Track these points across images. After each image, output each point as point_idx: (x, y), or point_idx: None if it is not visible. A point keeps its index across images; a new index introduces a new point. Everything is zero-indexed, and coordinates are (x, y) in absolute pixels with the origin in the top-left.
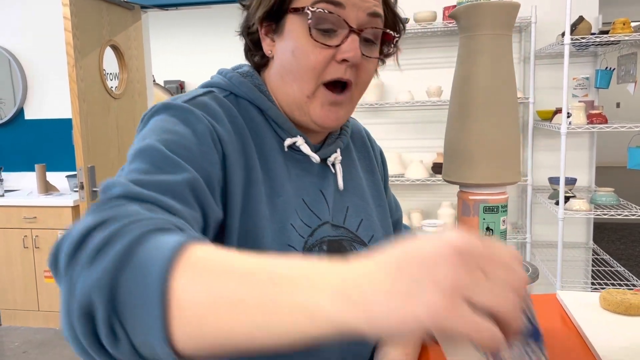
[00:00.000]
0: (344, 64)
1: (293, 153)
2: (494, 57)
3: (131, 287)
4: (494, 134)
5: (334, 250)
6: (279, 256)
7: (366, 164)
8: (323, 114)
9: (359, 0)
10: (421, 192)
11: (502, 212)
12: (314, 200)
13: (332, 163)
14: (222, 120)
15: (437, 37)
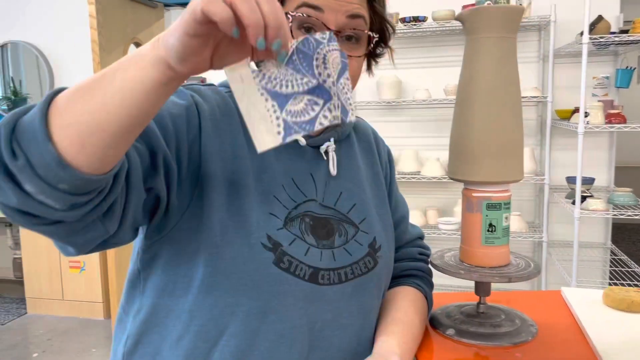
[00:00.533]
0: None
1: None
2: (498, 58)
3: (26, 119)
4: (497, 133)
5: (320, 226)
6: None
7: (367, 158)
8: None
9: (337, 4)
10: (437, 190)
11: (505, 209)
12: (303, 181)
13: (325, 151)
14: (209, 102)
15: (455, 35)
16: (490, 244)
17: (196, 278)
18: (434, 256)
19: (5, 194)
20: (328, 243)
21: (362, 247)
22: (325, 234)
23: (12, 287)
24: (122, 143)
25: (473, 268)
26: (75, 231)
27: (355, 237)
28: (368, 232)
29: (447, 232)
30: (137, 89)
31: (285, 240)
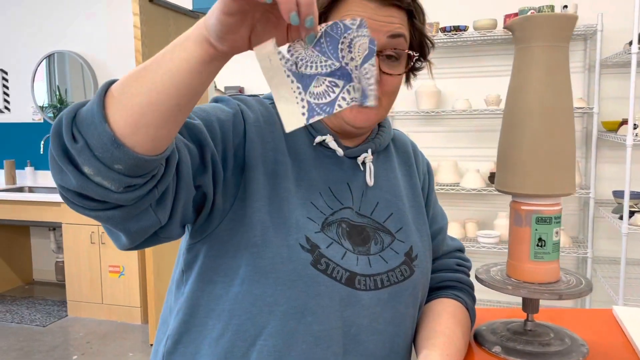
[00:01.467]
0: None
1: (324, 150)
2: (549, 68)
3: (85, 108)
4: (548, 145)
5: (356, 233)
6: None
7: (405, 170)
8: (353, 116)
9: (379, 25)
10: (477, 201)
11: (556, 224)
12: (340, 190)
13: (362, 162)
14: (254, 111)
15: (497, 44)
16: (540, 259)
17: (236, 277)
18: (479, 270)
19: (66, 177)
20: (364, 249)
21: (398, 255)
22: (361, 240)
23: (54, 290)
24: (172, 122)
25: (521, 284)
26: (129, 217)
27: (392, 246)
28: (404, 241)
29: (487, 245)
30: (183, 67)
31: (322, 242)
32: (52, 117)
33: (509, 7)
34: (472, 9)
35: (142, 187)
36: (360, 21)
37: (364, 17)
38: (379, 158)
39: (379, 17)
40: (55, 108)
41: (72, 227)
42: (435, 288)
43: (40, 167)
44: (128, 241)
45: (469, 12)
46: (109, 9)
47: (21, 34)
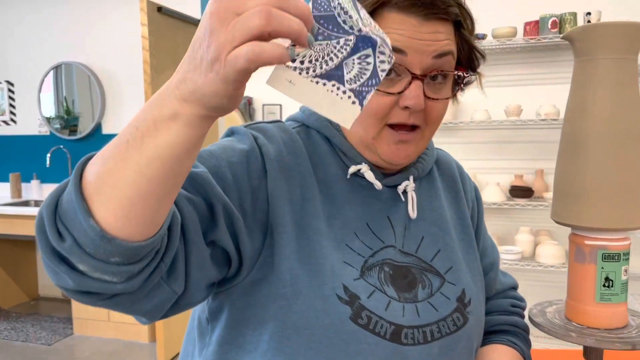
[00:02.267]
0: (407, 110)
1: (359, 180)
2: (616, 83)
3: (65, 198)
4: (616, 171)
5: (401, 276)
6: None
7: (452, 197)
8: (391, 152)
9: (422, 44)
10: (497, 216)
11: (624, 261)
12: (379, 226)
13: (403, 191)
14: (275, 142)
15: (516, 53)
16: (607, 301)
17: (265, 333)
18: (533, 312)
19: (61, 278)
20: (410, 296)
21: (449, 301)
22: (407, 285)
23: (60, 306)
24: (167, 203)
25: (585, 329)
26: (138, 299)
27: (441, 290)
28: (456, 284)
29: (508, 262)
30: (180, 151)
31: (363, 292)
32: (58, 128)
33: (529, 14)
34: (490, 17)
35: (146, 267)
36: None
37: (405, 34)
38: (421, 185)
39: (422, 34)
40: (62, 119)
41: None
42: (488, 332)
43: (46, 180)
44: (147, 319)
45: (488, 20)
46: (117, 19)
47: (27, 46)
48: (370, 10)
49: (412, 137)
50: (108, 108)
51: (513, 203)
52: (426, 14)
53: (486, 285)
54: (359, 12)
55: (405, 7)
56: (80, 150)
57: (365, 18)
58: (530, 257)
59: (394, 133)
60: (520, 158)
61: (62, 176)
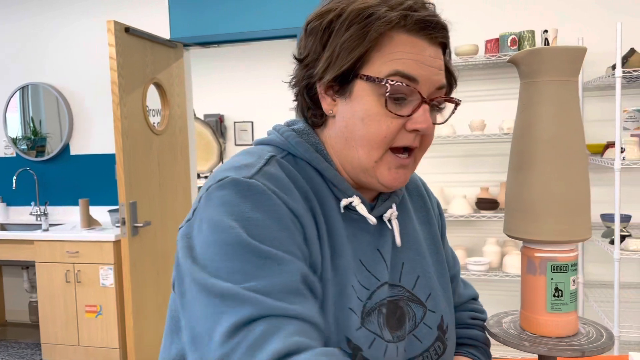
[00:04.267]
0: (414, 132)
1: (349, 212)
2: (559, 104)
3: None
4: (562, 187)
5: (392, 313)
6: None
7: (422, 216)
8: (391, 177)
9: (431, 75)
10: (465, 228)
11: (572, 271)
12: (372, 260)
13: (389, 219)
14: (291, 192)
15: (479, 69)
16: (557, 310)
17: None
18: (489, 322)
19: None
20: (401, 334)
21: (431, 330)
22: (397, 322)
23: (28, 331)
24: None
25: (538, 339)
26: None
27: (424, 320)
28: (435, 311)
29: (477, 273)
30: None
31: (365, 342)
32: (25, 149)
33: (489, 32)
34: (453, 35)
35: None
36: None
37: (416, 59)
38: (398, 211)
39: (430, 59)
40: (29, 140)
41: (46, 265)
42: None
43: (12, 203)
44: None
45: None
46: (84, 40)
47: None
48: (381, 32)
49: (408, 162)
50: (76, 129)
51: (480, 215)
52: (432, 37)
53: None
54: None
55: (416, 30)
56: (48, 171)
57: None
58: (497, 267)
59: (396, 157)
60: (486, 171)
61: (29, 198)
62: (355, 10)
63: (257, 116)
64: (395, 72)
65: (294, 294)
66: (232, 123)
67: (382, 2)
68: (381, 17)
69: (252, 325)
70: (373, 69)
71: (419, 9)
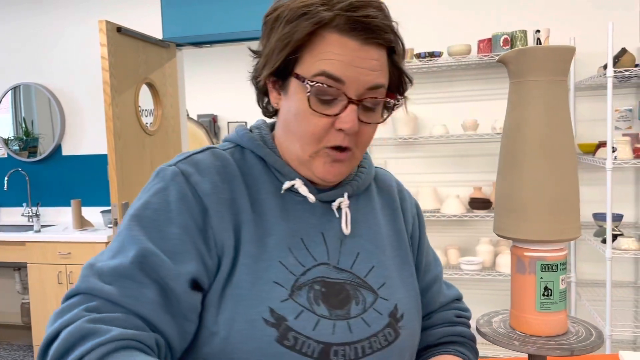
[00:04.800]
0: (342, 132)
1: (293, 196)
2: (548, 104)
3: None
4: (551, 186)
5: (335, 293)
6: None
7: (389, 214)
8: (325, 170)
9: (359, 74)
10: (458, 227)
11: (562, 270)
12: (312, 241)
13: (338, 207)
14: (208, 173)
15: (471, 69)
16: (547, 310)
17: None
18: (480, 322)
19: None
20: (343, 313)
21: (381, 316)
22: (340, 302)
23: (20, 333)
24: None
25: (528, 338)
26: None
27: (374, 306)
28: (388, 299)
29: (470, 272)
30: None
31: (291, 313)
32: (17, 150)
33: (482, 32)
34: (446, 35)
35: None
36: None
37: (344, 60)
38: (358, 201)
39: (360, 60)
40: (21, 140)
41: (37, 266)
42: (435, 345)
43: (3, 204)
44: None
45: (443, 38)
46: (76, 40)
47: None
48: (310, 31)
49: (344, 157)
50: (68, 129)
51: (473, 215)
52: (366, 38)
53: (431, 299)
54: None
55: (347, 30)
56: (40, 172)
57: None
58: (490, 267)
59: (330, 153)
60: (478, 171)
61: (21, 199)
62: (294, 8)
63: (250, 116)
64: (322, 72)
65: (124, 278)
66: (226, 123)
67: (325, 1)
68: (313, 16)
69: (73, 297)
70: (304, 68)
71: (358, 8)
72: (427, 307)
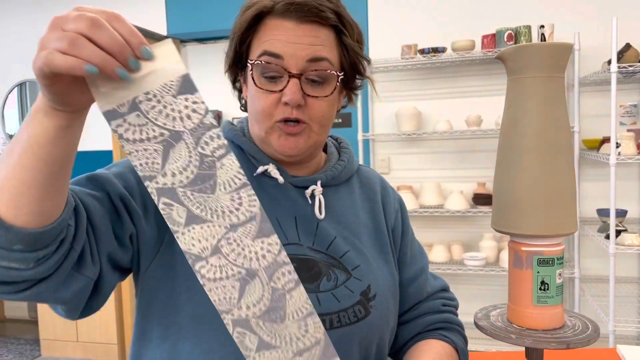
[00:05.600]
0: (288, 105)
1: (268, 180)
2: (545, 100)
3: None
4: (548, 182)
5: (306, 268)
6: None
7: (369, 206)
8: (281, 143)
9: (297, 49)
10: (462, 223)
11: (558, 265)
12: (285, 222)
13: (311, 194)
14: None
15: (475, 65)
16: (543, 303)
17: (172, 325)
18: (477, 315)
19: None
20: (312, 287)
21: (353, 294)
22: (310, 277)
23: (27, 327)
24: (53, 192)
25: (525, 331)
26: (56, 288)
27: (346, 284)
28: (361, 279)
29: (473, 268)
30: (42, 139)
31: None
32: None
33: (486, 28)
34: (449, 31)
35: (54, 254)
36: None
37: (282, 39)
38: (339, 191)
39: (298, 37)
40: None
41: None
42: (422, 332)
43: None
44: (70, 313)
45: (447, 34)
46: None
47: None
48: (252, 20)
49: (298, 130)
50: None
51: (476, 210)
52: (300, 17)
53: (417, 289)
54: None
55: (282, 13)
56: None
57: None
58: (494, 262)
59: (282, 127)
60: (482, 166)
61: None
62: (244, 5)
63: None
64: (263, 52)
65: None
66: (231, 119)
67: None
68: (258, 5)
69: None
70: (253, 54)
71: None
72: (414, 298)
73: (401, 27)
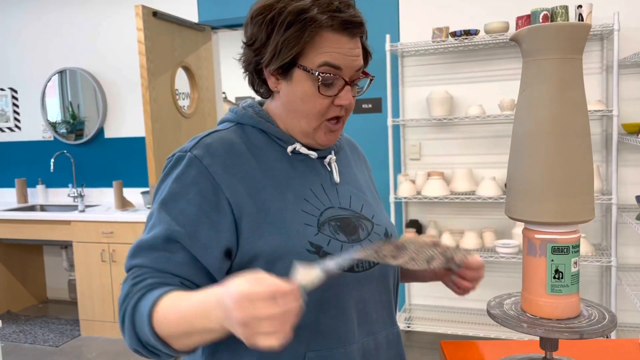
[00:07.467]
0: (340, 107)
1: (296, 156)
2: (562, 83)
3: (143, 338)
4: (562, 167)
5: (346, 225)
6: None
7: (359, 164)
8: (326, 138)
9: (351, 62)
10: (494, 210)
11: (574, 253)
12: (318, 191)
13: (328, 162)
14: (217, 154)
15: (509, 47)
16: (557, 292)
17: None
18: (491, 304)
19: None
20: (356, 237)
21: (380, 237)
22: (351, 230)
23: (67, 308)
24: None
25: (537, 320)
26: None
27: (374, 230)
28: (380, 224)
29: (506, 255)
30: (213, 338)
31: (323, 242)
32: (64, 133)
33: (521, 9)
34: (482, 13)
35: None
36: None
37: (341, 52)
38: (339, 159)
39: (351, 51)
40: (69, 124)
41: (82, 245)
42: None
43: (50, 185)
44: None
45: (480, 16)
46: (115, 25)
47: (28, 53)
48: (311, 32)
49: (339, 127)
50: (109, 112)
51: None
52: (352, 33)
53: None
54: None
55: (340, 29)
56: (83, 154)
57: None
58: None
59: (330, 124)
60: None
61: (67, 180)
62: (293, 12)
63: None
64: (325, 63)
65: (153, 249)
66: (234, 99)
67: (313, 3)
68: (313, 20)
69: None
70: (307, 60)
71: (343, 9)
72: None
73: (432, 10)
